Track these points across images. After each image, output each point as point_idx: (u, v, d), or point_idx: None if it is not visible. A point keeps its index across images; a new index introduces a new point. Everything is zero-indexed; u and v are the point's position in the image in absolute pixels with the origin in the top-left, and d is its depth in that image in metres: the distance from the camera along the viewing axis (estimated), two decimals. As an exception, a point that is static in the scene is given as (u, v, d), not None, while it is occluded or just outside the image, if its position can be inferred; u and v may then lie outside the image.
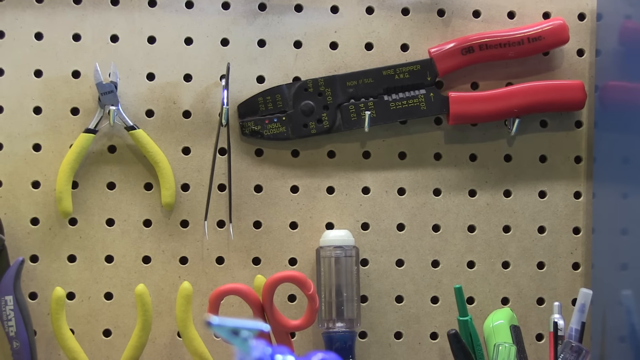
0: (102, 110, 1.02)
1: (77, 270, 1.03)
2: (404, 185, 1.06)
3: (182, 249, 1.04)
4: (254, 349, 0.50)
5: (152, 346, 1.03)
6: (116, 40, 1.04)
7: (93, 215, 1.03)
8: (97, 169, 1.03)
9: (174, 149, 1.04)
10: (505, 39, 1.03)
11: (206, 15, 1.04)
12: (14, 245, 1.02)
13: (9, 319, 0.98)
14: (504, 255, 1.07)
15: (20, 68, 1.03)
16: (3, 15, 1.02)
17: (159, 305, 1.03)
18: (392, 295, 1.06)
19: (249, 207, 1.05)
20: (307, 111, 1.03)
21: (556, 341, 0.94)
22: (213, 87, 1.04)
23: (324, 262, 1.02)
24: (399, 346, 1.06)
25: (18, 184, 1.02)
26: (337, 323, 1.01)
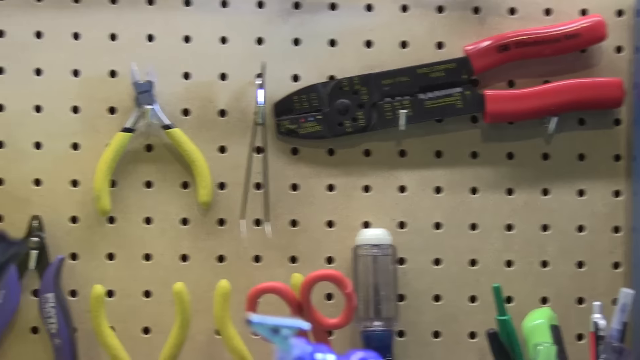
0: (139, 109, 1.02)
1: (116, 268, 1.04)
2: (441, 183, 1.05)
3: (220, 247, 1.04)
4: (295, 347, 0.50)
5: (191, 344, 1.03)
6: (152, 40, 1.04)
7: (131, 213, 1.04)
8: (134, 167, 1.04)
9: (210, 147, 1.04)
10: (542, 36, 1.02)
11: (241, 14, 1.04)
12: (54, 244, 1.03)
13: (50, 317, 1.00)
14: (543, 255, 1.06)
15: (58, 68, 1.04)
16: (41, 15, 1.03)
17: (197, 303, 1.04)
18: (430, 294, 1.05)
19: (286, 206, 1.05)
20: (342, 110, 1.03)
21: (597, 341, 0.93)
22: (248, 86, 1.04)
23: (361, 261, 1.02)
24: (436, 345, 1.05)
25: (57, 182, 1.04)
26: (375, 322, 1.01)
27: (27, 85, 1.03)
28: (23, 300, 1.02)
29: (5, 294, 1.00)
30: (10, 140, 1.03)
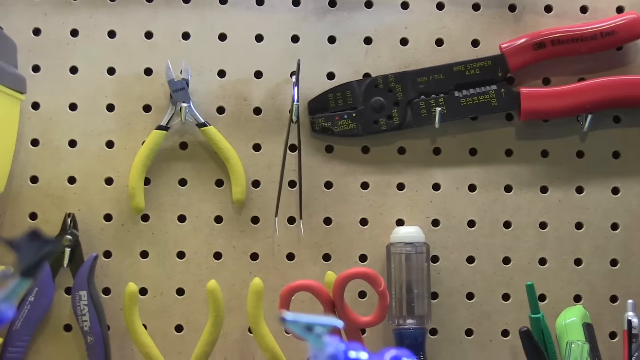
0: (173, 107, 1.03)
1: (149, 266, 1.04)
2: (475, 181, 1.05)
3: (253, 245, 1.04)
4: (328, 345, 0.50)
5: (224, 342, 1.04)
6: (187, 38, 1.04)
7: (165, 211, 1.04)
8: (168, 165, 1.04)
9: (245, 145, 1.04)
10: (577, 33, 1.02)
11: (277, 12, 1.05)
12: (87, 241, 1.03)
13: (83, 314, 1.00)
14: (577, 252, 1.06)
15: (94, 66, 1.04)
16: (77, 14, 1.04)
17: (230, 301, 1.04)
18: (463, 292, 1.05)
19: (320, 204, 1.05)
20: (377, 107, 1.03)
21: (630, 339, 0.93)
22: (283, 83, 1.04)
23: (395, 259, 1.02)
24: (469, 343, 1.05)
25: (91, 180, 1.04)
26: (408, 320, 1.01)
27: (62, 84, 1.04)
28: (56, 298, 1.03)
29: (39, 292, 1.00)
30: (45, 138, 1.04)
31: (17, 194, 1.03)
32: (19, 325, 0.99)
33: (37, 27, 1.04)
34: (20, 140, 1.03)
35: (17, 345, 1.00)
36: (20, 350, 1.00)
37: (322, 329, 0.49)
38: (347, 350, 0.51)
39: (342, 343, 0.51)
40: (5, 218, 1.03)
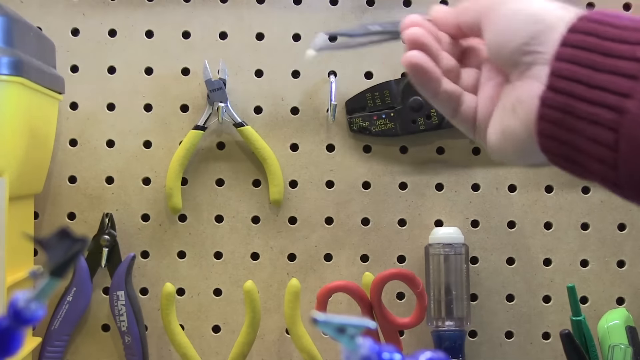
0: (211, 107, 1.02)
1: (186, 266, 1.04)
2: (515, 182, 1.04)
3: (290, 245, 1.04)
4: (361, 346, 0.49)
5: (261, 342, 1.03)
6: (225, 37, 1.04)
7: (202, 211, 1.04)
8: (206, 165, 1.04)
9: (282, 145, 1.04)
10: (620, 31, 1.00)
11: (314, 11, 1.04)
12: (125, 241, 1.03)
13: (121, 314, 1.00)
14: (619, 254, 1.04)
15: (132, 66, 1.04)
16: (115, 14, 1.04)
17: (268, 301, 1.03)
18: (503, 293, 1.04)
19: (357, 204, 1.04)
20: (415, 107, 1.02)
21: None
22: (321, 83, 1.04)
23: (433, 260, 1.01)
24: (509, 346, 1.04)
25: (129, 180, 1.04)
26: (447, 321, 1.00)
27: (100, 84, 1.04)
28: (94, 298, 1.03)
29: (77, 292, 1.00)
30: (83, 138, 1.04)
31: (56, 194, 1.03)
32: (58, 325, 1.00)
33: (75, 27, 1.04)
34: (59, 141, 1.03)
35: (55, 344, 1.00)
36: (58, 350, 1.00)
37: (354, 330, 0.48)
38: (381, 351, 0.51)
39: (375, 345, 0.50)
40: (44, 218, 1.03)
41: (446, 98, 0.65)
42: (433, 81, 0.64)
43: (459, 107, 0.65)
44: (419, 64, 0.63)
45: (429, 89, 0.65)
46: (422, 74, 0.63)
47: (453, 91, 0.65)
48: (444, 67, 0.65)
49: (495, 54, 0.61)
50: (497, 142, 0.62)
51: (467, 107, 0.65)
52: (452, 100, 0.65)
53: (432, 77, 0.64)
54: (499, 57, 0.61)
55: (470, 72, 0.67)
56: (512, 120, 0.59)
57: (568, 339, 0.91)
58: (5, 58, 0.84)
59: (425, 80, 0.64)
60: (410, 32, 0.65)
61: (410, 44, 0.65)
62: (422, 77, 0.64)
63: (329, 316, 0.48)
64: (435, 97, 0.65)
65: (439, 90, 0.65)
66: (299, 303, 0.97)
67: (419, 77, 0.64)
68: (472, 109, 0.65)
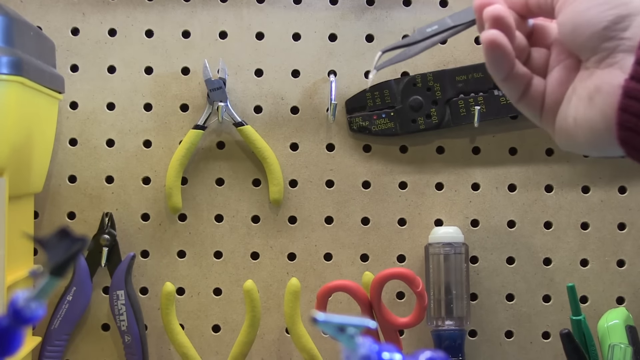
0: (211, 106, 1.02)
1: (186, 265, 1.04)
2: (515, 181, 1.04)
3: (290, 245, 1.04)
4: (361, 346, 0.49)
5: (261, 342, 1.03)
6: (225, 37, 1.04)
7: (202, 211, 1.04)
8: (206, 165, 1.04)
9: (282, 144, 1.04)
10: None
11: (314, 10, 1.04)
12: (125, 241, 1.03)
13: (121, 314, 1.00)
14: (619, 254, 1.04)
15: (131, 65, 1.04)
16: (115, 13, 1.04)
17: (268, 301, 1.03)
18: (503, 293, 1.04)
19: (357, 203, 1.04)
20: (415, 106, 1.02)
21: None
22: (321, 82, 1.04)
23: (433, 259, 1.01)
24: (509, 345, 1.04)
25: (129, 180, 1.04)
26: (447, 321, 1.00)
27: (100, 83, 1.04)
28: (94, 297, 1.03)
29: (77, 291, 1.00)
30: (83, 137, 1.04)
31: (56, 194, 1.03)
32: (57, 324, 1.00)
33: (75, 26, 1.04)
34: (59, 140, 1.03)
35: (55, 344, 1.00)
36: (58, 349, 1.00)
37: (354, 330, 0.48)
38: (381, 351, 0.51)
39: (375, 344, 0.50)
40: (43, 217, 1.03)
41: (516, 80, 0.63)
42: (508, 62, 0.61)
43: (527, 91, 0.63)
44: (500, 43, 0.60)
45: (502, 71, 0.62)
46: (501, 54, 0.61)
47: (524, 74, 0.63)
48: (516, 48, 0.62)
49: (571, 37, 0.58)
50: (568, 130, 0.59)
51: (535, 90, 0.63)
52: (522, 83, 0.63)
53: (509, 58, 0.61)
54: (575, 41, 0.58)
55: (540, 53, 0.64)
56: (588, 109, 0.57)
57: (568, 338, 0.91)
58: (5, 58, 0.84)
59: (501, 61, 0.61)
60: (492, 10, 0.61)
61: (491, 21, 0.61)
62: (499, 57, 0.61)
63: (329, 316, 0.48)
64: (506, 80, 0.63)
65: (512, 72, 0.62)
66: (299, 303, 0.97)
67: (497, 58, 0.61)
68: (541, 93, 0.63)
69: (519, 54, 0.63)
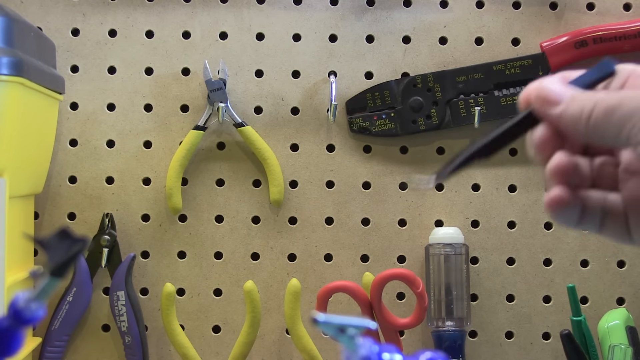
0: (211, 107, 1.02)
1: (187, 266, 1.04)
2: (515, 182, 1.04)
3: (291, 245, 1.04)
4: (361, 346, 0.49)
5: (261, 343, 1.03)
6: (225, 38, 1.04)
7: (202, 211, 1.04)
8: (206, 165, 1.04)
9: (283, 145, 1.04)
10: (621, 31, 1.00)
11: (314, 11, 1.04)
12: (125, 242, 1.03)
13: (121, 314, 1.00)
14: (619, 254, 1.04)
15: (132, 66, 1.04)
16: (115, 14, 1.04)
17: (268, 302, 1.03)
18: (503, 294, 1.04)
19: (357, 204, 1.04)
20: (416, 107, 1.02)
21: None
22: (321, 83, 1.04)
23: (433, 260, 1.01)
24: (510, 346, 1.04)
25: (129, 180, 1.04)
26: (447, 322, 1.00)
27: (100, 84, 1.04)
28: (94, 298, 1.03)
29: (77, 292, 1.00)
30: (83, 138, 1.04)
31: (56, 194, 1.03)
32: (58, 325, 1.00)
33: (75, 27, 1.04)
34: (59, 141, 1.03)
35: (55, 344, 1.00)
36: (58, 350, 1.00)
37: (354, 330, 0.48)
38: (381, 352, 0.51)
39: (376, 345, 0.50)
40: (44, 218, 1.03)
41: (589, 215, 0.54)
42: (578, 214, 0.54)
43: (606, 215, 0.54)
44: (567, 204, 0.53)
45: (573, 221, 0.54)
46: (570, 213, 0.54)
47: (596, 201, 0.54)
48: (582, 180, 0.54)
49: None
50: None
51: (613, 211, 0.54)
52: (596, 211, 0.54)
53: (578, 210, 0.54)
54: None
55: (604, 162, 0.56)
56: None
57: (568, 339, 0.91)
58: (5, 58, 0.84)
59: (571, 217, 0.54)
60: (554, 166, 0.53)
61: (554, 178, 0.53)
62: (569, 215, 0.54)
63: (329, 316, 0.48)
64: (580, 223, 0.54)
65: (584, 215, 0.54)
66: (299, 303, 0.97)
67: (566, 217, 0.54)
68: (620, 211, 0.54)
69: (584, 184, 0.55)
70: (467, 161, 0.57)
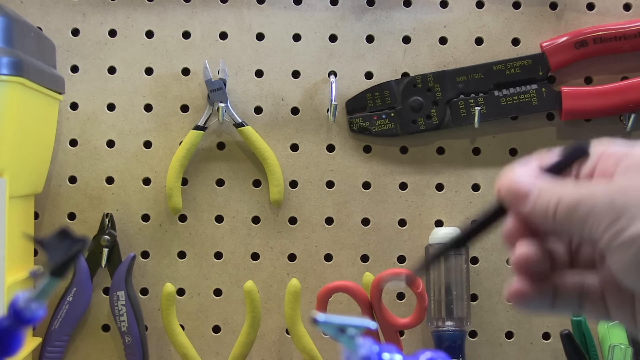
0: (211, 107, 1.02)
1: (187, 266, 1.04)
2: (515, 182, 1.04)
3: (291, 245, 1.04)
4: (361, 346, 0.49)
5: (261, 343, 1.03)
6: (225, 38, 1.04)
7: (202, 211, 1.04)
8: (206, 165, 1.04)
9: (282, 145, 1.04)
10: (620, 31, 1.00)
11: (314, 11, 1.04)
12: (125, 242, 1.03)
13: (121, 314, 1.00)
14: (619, 254, 1.04)
15: (132, 66, 1.04)
16: (115, 14, 1.04)
17: (268, 302, 1.03)
18: (503, 294, 1.04)
19: (357, 204, 1.04)
20: (416, 107, 1.02)
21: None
22: (321, 83, 1.04)
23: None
24: (510, 346, 1.04)
25: (129, 180, 1.04)
26: (447, 322, 1.00)
27: (100, 84, 1.04)
28: (94, 298, 1.03)
29: (77, 292, 1.00)
30: (83, 138, 1.04)
31: (56, 194, 1.03)
32: (58, 325, 1.00)
33: (75, 27, 1.04)
34: (59, 141, 1.03)
35: (55, 344, 1.00)
36: (58, 350, 1.00)
37: (354, 330, 0.49)
38: (381, 352, 0.51)
39: (376, 345, 0.50)
40: (44, 218, 1.03)
41: (565, 298, 0.53)
42: (549, 298, 0.53)
43: (584, 296, 0.53)
44: (527, 296, 0.53)
45: (544, 307, 0.54)
46: (537, 302, 0.53)
47: (571, 286, 0.53)
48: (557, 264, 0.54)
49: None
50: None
51: (591, 291, 0.53)
52: (573, 295, 0.53)
53: (547, 299, 0.53)
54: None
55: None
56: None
57: (568, 339, 0.91)
58: (5, 58, 0.84)
59: (542, 305, 0.53)
60: (515, 258, 0.53)
61: (516, 269, 0.53)
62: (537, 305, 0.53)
63: (329, 316, 0.48)
64: (554, 307, 0.54)
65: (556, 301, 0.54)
66: (299, 303, 0.97)
67: (532, 307, 0.54)
68: (598, 291, 0.53)
69: (560, 268, 0.54)
70: (442, 253, 0.58)
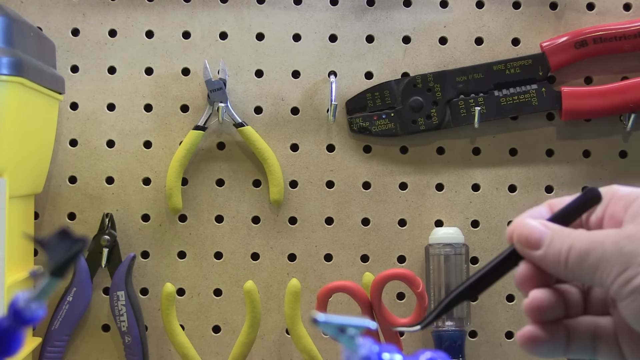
0: (211, 107, 1.02)
1: (187, 266, 1.04)
2: (515, 182, 1.04)
3: (291, 245, 1.04)
4: (361, 346, 0.49)
5: (261, 343, 1.03)
6: (225, 38, 1.04)
7: (202, 211, 1.04)
8: (206, 165, 1.04)
9: (283, 145, 1.04)
10: (620, 31, 1.00)
11: (314, 11, 1.04)
12: (125, 242, 1.03)
13: (121, 314, 1.00)
14: (619, 254, 1.04)
15: (132, 66, 1.04)
16: (115, 14, 1.04)
17: (268, 302, 1.03)
18: (503, 294, 1.04)
19: (357, 204, 1.04)
20: (416, 107, 1.02)
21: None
22: (321, 83, 1.04)
23: (433, 260, 1.01)
24: (510, 346, 1.04)
25: (129, 180, 1.04)
26: (447, 322, 1.00)
27: (100, 84, 1.04)
28: (94, 298, 1.03)
29: (77, 292, 1.00)
30: (83, 138, 1.04)
31: (56, 194, 1.03)
32: (58, 325, 1.00)
33: (75, 27, 1.04)
34: (59, 141, 1.03)
35: (55, 345, 1.00)
36: (59, 350, 1.00)
37: (354, 330, 0.48)
38: (381, 352, 0.51)
39: (376, 345, 0.50)
40: (44, 218, 1.03)
41: (578, 342, 0.54)
42: (562, 342, 0.54)
43: (597, 340, 0.54)
44: (539, 342, 0.54)
45: (557, 351, 0.54)
46: (550, 347, 0.54)
47: (585, 330, 0.54)
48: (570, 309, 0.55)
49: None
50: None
51: (605, 335, 0.54)
52: (587, 338, 0.54)
53: (561, 343, 0.54)
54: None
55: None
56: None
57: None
58: (5, 58, 0.84)
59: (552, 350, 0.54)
60: (527, 303, 0.54)
61: (528, 315, 0.54)
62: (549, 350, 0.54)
63: (329, 316, 0.48)
64: (567, 351, 0.54)
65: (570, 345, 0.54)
66: (299, 303, 0.96)
67: (544, 352, 0.54)
68: (612, 337, 0.54)
69: (574, 312, 0.55)
70: (453, 303, 0.58)
